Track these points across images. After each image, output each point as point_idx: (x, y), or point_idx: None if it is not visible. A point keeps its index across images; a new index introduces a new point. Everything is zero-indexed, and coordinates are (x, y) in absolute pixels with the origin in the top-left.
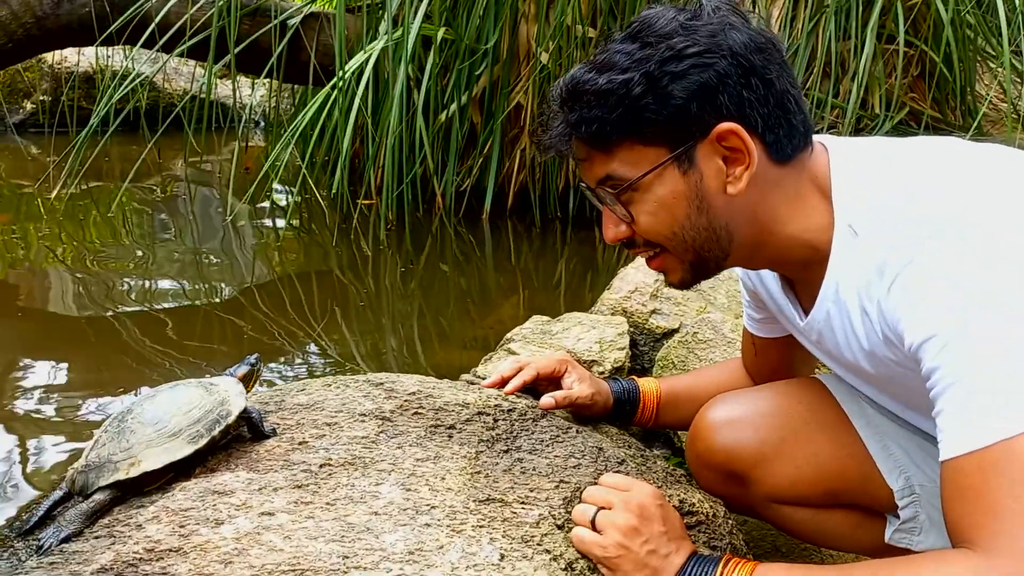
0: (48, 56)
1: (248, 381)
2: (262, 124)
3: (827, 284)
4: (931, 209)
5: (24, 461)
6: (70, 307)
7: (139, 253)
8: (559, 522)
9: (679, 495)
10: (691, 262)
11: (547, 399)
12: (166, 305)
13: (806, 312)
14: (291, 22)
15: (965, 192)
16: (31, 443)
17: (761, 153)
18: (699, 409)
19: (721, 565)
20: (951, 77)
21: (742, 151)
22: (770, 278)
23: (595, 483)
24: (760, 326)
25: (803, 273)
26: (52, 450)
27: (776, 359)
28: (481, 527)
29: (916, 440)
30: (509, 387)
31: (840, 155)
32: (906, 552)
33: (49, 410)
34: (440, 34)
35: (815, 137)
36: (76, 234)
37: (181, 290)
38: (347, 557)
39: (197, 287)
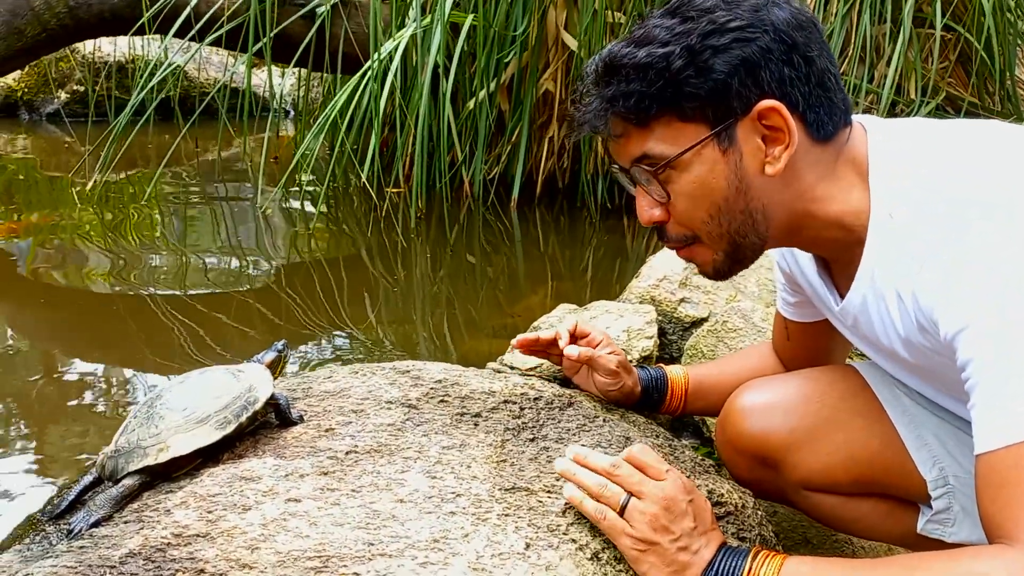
0: (82, 46)
1: (275, 367)
2: (292, 113)
3: (863, 268)
4: (975, 191)
5: (55, 446)
6: (102, 293)
7: (170, 241)
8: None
9: (708, 485)
10: (726, 251)
11: (571, 348)
12: (197, 292)
13: (842, 295)
14: (320, 11)
15: (1010, 174)
16: (62, 428)
17: (801, 132)
18: (728, 395)
19: (750, 558)
20: (990, 62)
21: (783, 130)
22: (806, 260)
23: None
24: (794, 310)
25: (840, 255)
26: (83, 434)
27: (809, 345)
28: (506, 516)
29: (952, 430)
30: (545, 334)
31: (879, 135)
32: (938, 543)
33: (80, 395)
34: (469, 21)
35: (854, 117)
36: (109, 222)
37: (212, 277)
38: (372, 544)
39: (227, 274)
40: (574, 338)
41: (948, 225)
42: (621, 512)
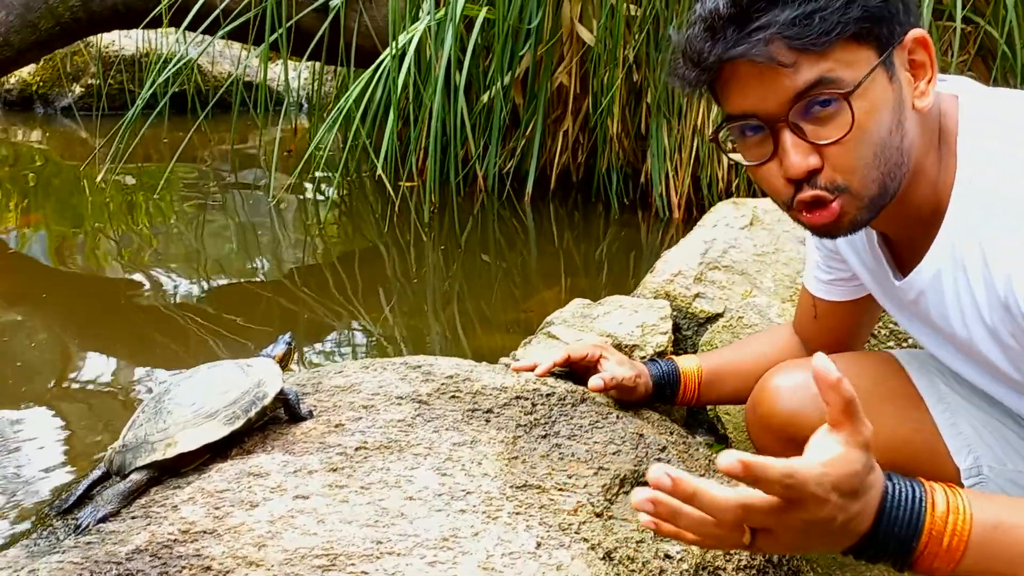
0: (96, 39)
1: (285, 361)
2: (306, 107)
3: (942, 239)
4: None
5: (64, 440)
6: (113, 284)
7: (184, 233)
8: (598, 510)
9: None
10: (872, 198)
11: (595, 380)
12: (210, 285)
13: (902, 271)
14: (333, 3)
15: None
16: (71, 422)
17: None
18: (745, 382)
19: (928, 513)
20: (1012, 55)
21: (926, 63)
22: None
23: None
24: (827, 288)
25: (911, 229)
26: (92, 429)
27: (836, 325)
28: (517, 514)
29: (990, 420)
30: (539, 370)
31: (971, 102)
32: None
33: (89, 388)
34: (483, 14)
35: (947, 78)
36: (122, 215)
37: (225, 270)
38: (380, 542)
39: (241, 267)
40: (579, 366)
41: None
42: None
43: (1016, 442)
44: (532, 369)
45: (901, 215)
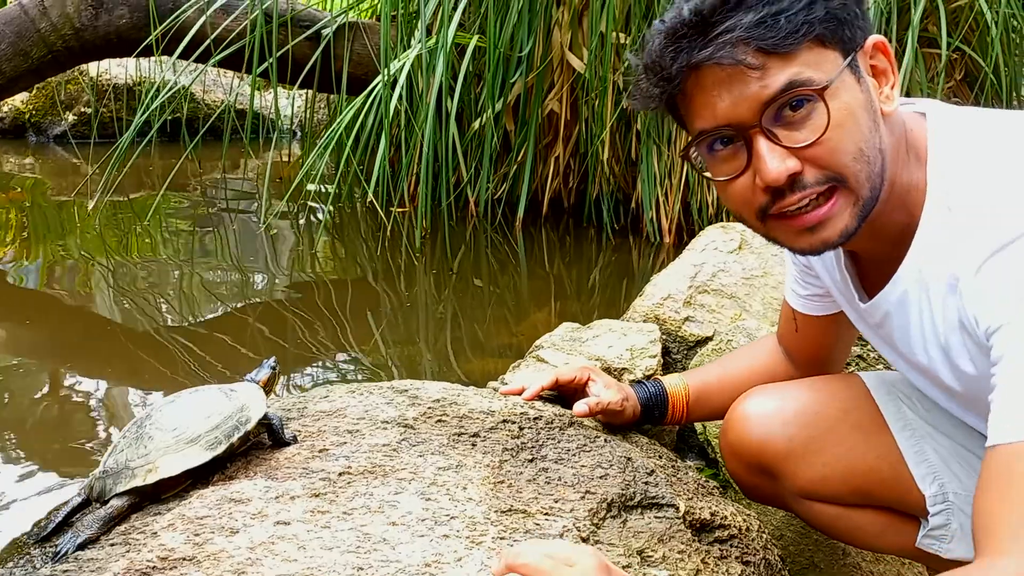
0: (90, 68)
1: (269, 386)
2: (299, 134)
3: (910, 261)
4: None
5: (46, 466)
6: (100, 309)
7: (174, 260)
8: (584, 534)
9: (711, 507)
10: (865, 199)
11: (580, 406)
12: (199, 311)
13: (867, 292)
14: (325, 32)
15: None
16: (53, 448)
17: None
18: (732, 397)
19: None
20: (997, 82)
21: (887, 68)
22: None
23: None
24: (805, 302)
25: (882, 248)
26: (75, 455)
27: (817, 337)
28: (502, 538)
29: (956, 447)
30: (526, 394)
31: (940, 121)
32: (935, 558)
33: (73, 414)
34: (474, 42)
35: (915, 100)
36: (112, 241)
37: (215, 296)
38: (361, 569)
39: (232, 293)
40: (567, 389)
41: (1009, 223)
42: None
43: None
44: (520, 393)
45: (874, 229)
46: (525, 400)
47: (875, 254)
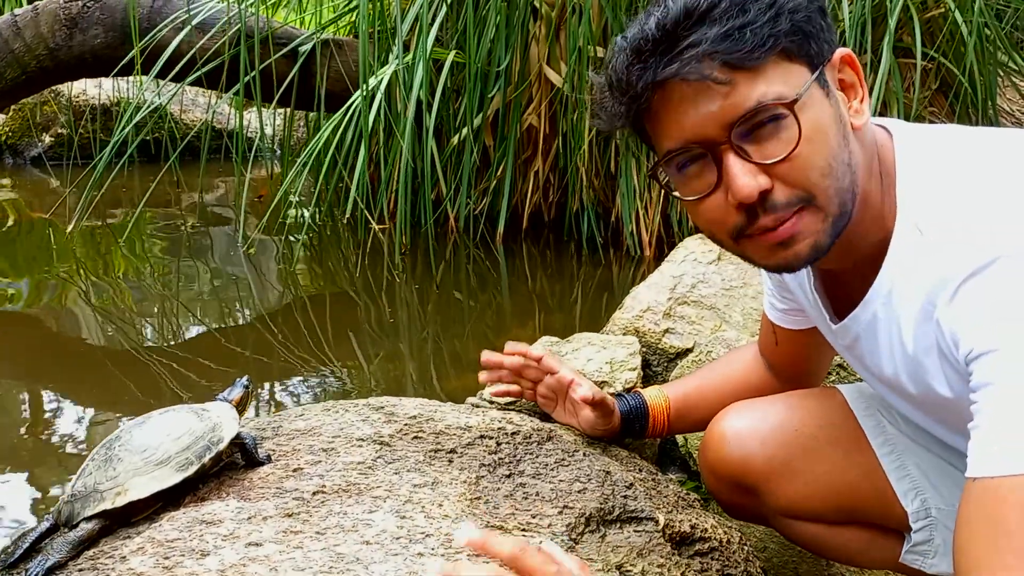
0: (65, 88)
1: (242, 405)
2: (279, 152)
3: (880, 284)
4: (1015, 211)
5: (13, 491)
6: (74, 329)
7: (152, 279)
8: (563, 549)
9: (691, 520)
10: (835, 215)
11: (584, 391)
12: (177, 330)
13: (837, 313)
14: (302, 49)
15: None
16: (22, 472)
17: None
18: (714, 409)
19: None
20: (972, 91)
21: (855, 82)
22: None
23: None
24: (783, 316)
25: (852, 266)
26: (44, 479)
27: (797, 350)
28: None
29: (937, 462)
30: (510, 360)
31: (907, 140)
32: (920, 573)
33: (42, 437)
34: (451, 57)
35: (879, 119)
36: (90, 263)
37: (194, 315)
38: None
39: (210, 312)
40: (549, 391)
41: (983, 243)
42: None
43: (962, 481)
44: (499, 365)
45: (848, 247)
46: (509, 368)
47: (849, 273)
